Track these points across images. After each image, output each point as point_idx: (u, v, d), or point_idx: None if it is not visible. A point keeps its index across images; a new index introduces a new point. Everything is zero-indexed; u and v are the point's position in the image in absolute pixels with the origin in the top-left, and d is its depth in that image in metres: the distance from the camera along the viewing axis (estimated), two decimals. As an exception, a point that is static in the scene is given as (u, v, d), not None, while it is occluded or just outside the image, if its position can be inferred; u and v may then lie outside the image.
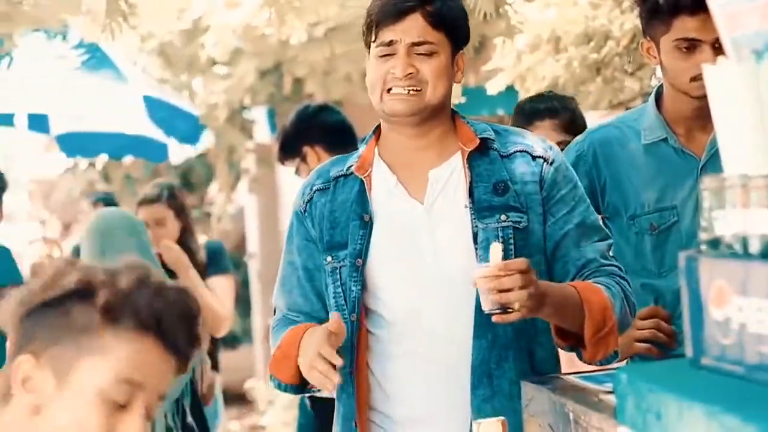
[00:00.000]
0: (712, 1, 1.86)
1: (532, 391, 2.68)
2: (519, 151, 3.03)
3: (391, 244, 2.99)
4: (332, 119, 5.12)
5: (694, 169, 3.50)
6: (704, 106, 3.12)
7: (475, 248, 2.91)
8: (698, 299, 1.76)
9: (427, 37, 2.96)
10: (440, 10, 2.97)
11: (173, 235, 5.70)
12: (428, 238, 2.97)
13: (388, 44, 2.97)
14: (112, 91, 7.54)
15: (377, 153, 3.08)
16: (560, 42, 5.70)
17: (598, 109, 5.72)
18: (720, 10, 1.84)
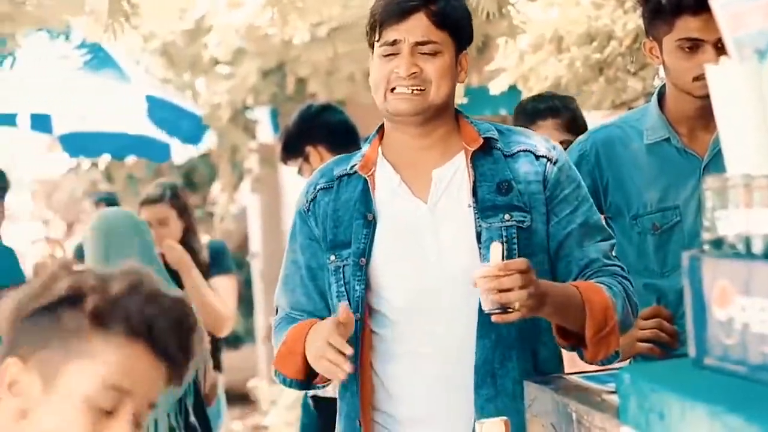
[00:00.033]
0: (714, 1, 1.85)
1: (535, 391, 2.68)
2: (522, 151, 3.03)
3: (395, 244, 2.99)
4: (335, 119, 5.12)
5: (697, 168, 3.50)
6: (707, 106, 3.12)
7: (479, 248, 2.91)
8: (701, 299, 1.76)
9: (430, 36, 2.96)
10: (444, 9, 2.97)
11: (176, 235, 5.70)
12: (432, 238, 2.97)
13: (392, 44, 2.97)
14: (114, 91, 7.54)
15: (381, 152, 3.08)
16: (563, 42, 5.70)
17: (600, 109, 5.72)
18: (722, 9, 1.84)
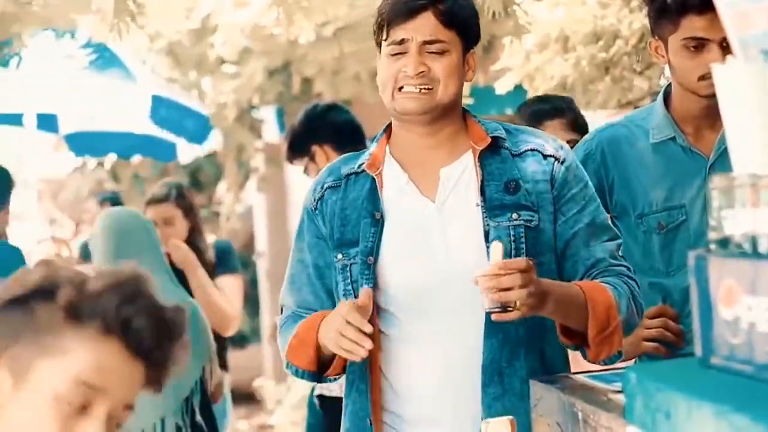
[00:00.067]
0: (719, 0, 1.85)
1: (540, 390, 2.68)
2: (530, 150, 3.03)
3: (403, 242, 2.98)
4: (341, 118, 5.12)
5: (703, 168, 3.50)
6: (712, 105, 3.13)
7: (487, 247, 2.90)
8: (707, 298, 1.76)
9: (438, 35, 2.96)
10: (452, 8, 2.97)
11: (182, 235, 5.70)
12: (439, 237, 2.96)
13: (400, 43, 2.96)
14: (120, 91, 7.54)
15: (388, 151, 3.08)
16: (569, 41, 5.70)
17: (606, 108, 5.72)
18: (727, 9, 1.84)
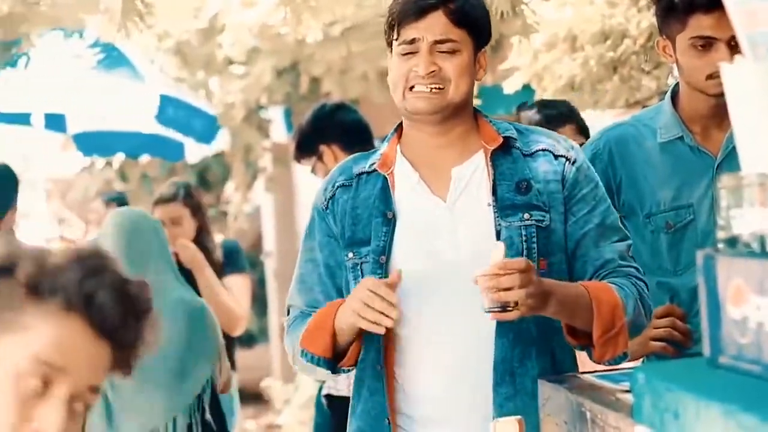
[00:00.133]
0: (728, -1, 1.85)
1: (549, 390, 2.68)
2: (541, 150, 3.03)
3: (414, 242, 2.98)
4: (349, 118, 5.12)
5: (710, 167, 3.50)
6: (720, 104, 3.13)
7: None
8: (716, 298, 1.76)
9: (449, 34, 2.96)
10: (462, 7, 2.97)
11: (189, 234, 5.70)
12: (451, 236, 2.96)
13: (411, 42, 2.96)
14: (128, 91, 7.55)
15: (399, 151, 3.07)
16: (577, 40, 5.70)
17: (614, 108, 5.72)
18: (736, 8, 1.84)
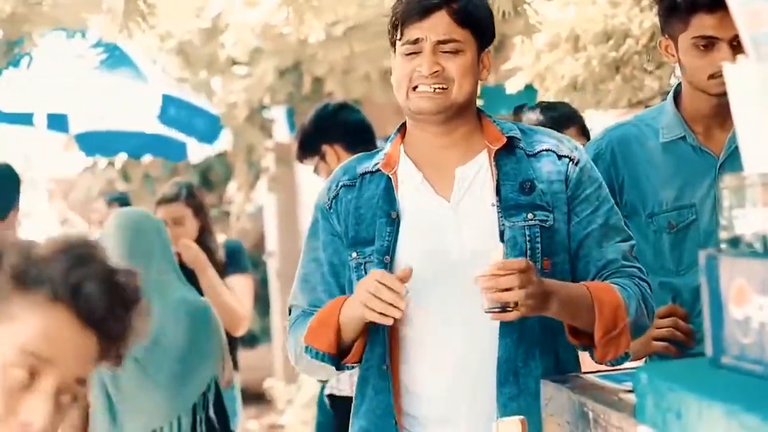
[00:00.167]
0: (731, -1, 1.85)
1: (551, 390, 2.68)
2: (545, 150, 3.03)
3: (418, 242, 2.98)
4: (351, 118, 5.12)
5: (713, 167, 3.50)
6: (722, 104, 3.13)
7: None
8: (718, 298, 1.76)
9: (452, 34, 2.96)
10: (466, 7, 2.97)
11: (192, 234, 5.70)
12: (454, 236, 2.96)
13: (414, 42, 2.96)
14: (131, 90, 7.55)
15: (403, 150, 3.07)
16: (579, 40, 5.69)
17: (617, 108, 5.71)
18: (739, 8, 1.84)
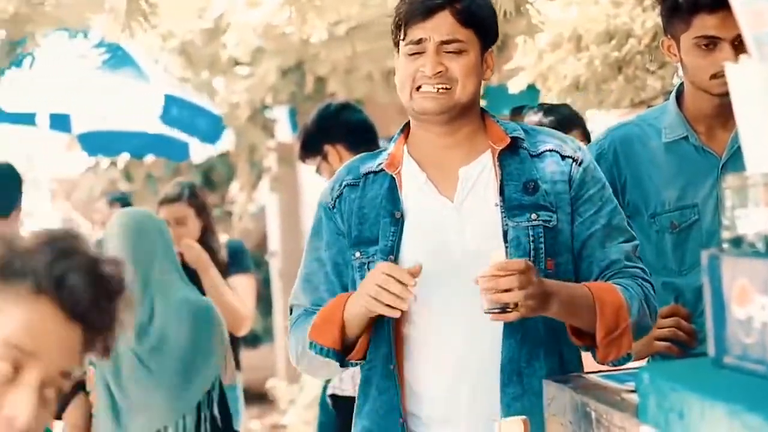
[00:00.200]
0: (733, -1, 1.85)
1: (553, 390, 2.68)
2: (549, 151, 3.03)
3: (422, 242, 2.97)
4: (354, 118, 5.12)
5: (715, 167, 3.50)
6: (725, 104, 3.12)
7: (506, 247, 2.91)
8: (721, 298, 1.76)
9: (456, 35, 2.96)
10: (469, 7, 2.97)
11: (194, 234, 5.70)
12: (458, 236, 2.96)
13: (417, 42, 2.96)
14: (133, 90, 7.55)
15: (406, 151, 3.07)
16: (582, 40, 5.68)
17: (619, 108, 5.71)
18: (742, 7, 1.84)
